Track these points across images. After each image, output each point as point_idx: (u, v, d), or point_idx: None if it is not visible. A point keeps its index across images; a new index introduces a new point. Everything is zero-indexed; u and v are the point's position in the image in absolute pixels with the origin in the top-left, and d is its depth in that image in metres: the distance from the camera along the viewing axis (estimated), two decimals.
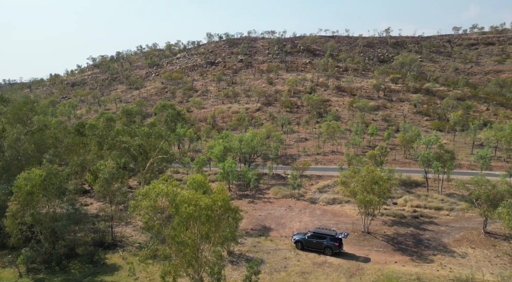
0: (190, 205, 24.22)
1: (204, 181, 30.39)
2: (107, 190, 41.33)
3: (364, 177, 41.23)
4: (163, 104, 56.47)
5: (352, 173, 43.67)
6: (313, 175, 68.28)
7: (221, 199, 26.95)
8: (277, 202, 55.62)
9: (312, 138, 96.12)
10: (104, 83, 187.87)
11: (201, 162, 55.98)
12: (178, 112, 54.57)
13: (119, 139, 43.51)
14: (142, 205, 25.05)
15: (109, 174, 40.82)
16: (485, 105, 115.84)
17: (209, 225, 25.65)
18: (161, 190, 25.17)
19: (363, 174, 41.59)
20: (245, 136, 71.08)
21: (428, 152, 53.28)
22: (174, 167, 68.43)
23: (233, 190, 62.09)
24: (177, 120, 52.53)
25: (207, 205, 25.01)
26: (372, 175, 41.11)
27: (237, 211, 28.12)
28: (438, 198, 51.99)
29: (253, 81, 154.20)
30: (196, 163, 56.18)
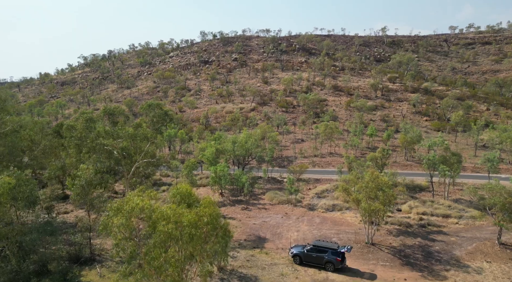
0: (169, 223, 20.33)
1: (190, 191, 26.47)
2: (85, 198, 37.20)
3: (368, 183, 37.63)
4: (149, 104, 52.51)
5: (355, 178, 40.06)
6: (310, 179, 64.66)
7: (208, 214, 23.11)
8: (272, 209, 51.86)
9: (309, 139, 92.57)
10: (95, 82, 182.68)
11: (191, 166, 52.03)
12: (166, 112, 50.69)
13: (100, 142, 39.45)
14: (114, 223, 21.12)
15: (86, 180, 36.70)
16: (485, 105, 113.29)
17: (193, 245, 21.80)
18: (136, 204, 21.27)
19: (367, 180, 37.98)
20: (239, 137, 67.30)
21: (433, 155, 49.85)
22: (163, 170, 64.40)
23: (225, 195, 58.23)
24: (165, 121, 48.63)
25: (190, 222, 21.15)
26: (376, 181, 37.53)
27: (226, 228, 24.14)
28: (445, 204, 48.60)
29: (247, 80, 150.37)
30: (186, 167, 52.20)
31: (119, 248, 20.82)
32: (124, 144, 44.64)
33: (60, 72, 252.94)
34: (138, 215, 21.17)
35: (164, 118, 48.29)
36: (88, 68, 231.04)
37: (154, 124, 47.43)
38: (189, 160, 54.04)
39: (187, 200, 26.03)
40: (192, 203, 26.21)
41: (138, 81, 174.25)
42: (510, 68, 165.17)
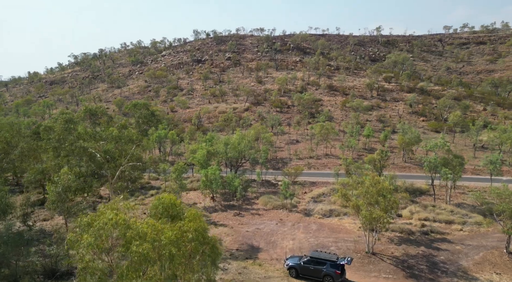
0: (145, 242, 17.46)
1: (174, 201, 23.57)
2: (62, 206, 34.16)
3: (368, 188, 35.10)
4: (135, 104, 49.44)
5: (354, 183, 37.52)
6: (306, 182, 62.09)
7: (193, 229, 20.30)
8: (266, 215, 49.13)
9: (304, 140, 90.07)
10: (84, 81, 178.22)
11: (180, 169, 49.08)
12: (153, 113, 47.65)
13: (80, 144, 36.40)
14: (82, 242, 18.19)
15: (63, 186, 33.65)
16: (482, 105, 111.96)
17: (175, 265, 18.96)
18: (109, 220, 18.37)
19: (367, 185, 35.45)
20: (232, 139, 64.50)
21: (435, 157, 47.56)
22: (150, 174, 61.32)
23: (217, 200, 55.36)
24: (151, 122, 45.67)
25: (171, 240, 18.30)
26: (377, 186, 35.02)
27: (214, 245, 21.29)
28: (447, 209, 46.32)
29: (241, 79, 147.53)
30: (175, 170, 49.24)
31: (87, 272, 17.82)
32: (108, 146, 41.61)
33: (50, 71, 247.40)
34: (111, 232, 18.25)
35: (150, 119, 45.25)
36: (78, 67, 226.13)
37: (140, 125, 44.40)
38: (178, 163, 51.07)
39: (171, 211, 23.15)
40: (176, 215, 23.35)
41: (129, 81, 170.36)
42: (505, 68, 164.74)
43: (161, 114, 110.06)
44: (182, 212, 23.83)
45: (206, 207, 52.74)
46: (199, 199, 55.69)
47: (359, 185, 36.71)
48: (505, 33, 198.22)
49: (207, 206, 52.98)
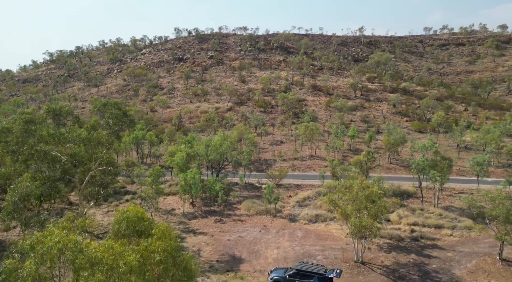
0: (98, 271, 14.36)
1: (141, 215, 20.47)
2: (19, 217, 30.34)
3: (357, 194, 32.93)
4: (105, 102, 45.60)
5: (342, 188, 35.28)
6: (290, 185, 59.74)
7: (162, 249, 17.31)
8: (249, 221, 46.41)
9: (288, 141, 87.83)
10: (59, 79, 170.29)
11: (156, 173, 45.67)
12: (125, 112, 44.07)
13: (41, 148, 32.58)
14: (22, 270, 14.89)
15: (20, 195, 29.85)
16: (463, 106, 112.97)
17: None
18: (55, 243, 15.15)
19: (356, 190, 33.28)
20: (213, 140, 61.41)
21: (422, 159, 46.03)
22: (126, 178, 57.48)
23: (197, 205, 52.19)
24: (123, 123, 42.17)
25: (132, 266, 15.25)
26: (366, 191, 32.90)
27: (186, 266, 18.33)
28: (435, 212, 44.88)
29: (224, 78, 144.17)
30: (150, 174, 45.77)
31: None
32: (77, 149, 37.80)
33: (23, 69, 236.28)
34: (58, 258, 15.03)
35: (122, 119, 41.71)
36: (54, 64, 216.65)
37: (110, 126, 40.80)
38: (154, 166, 47.62)
39: (138, 226, 20.07)
40: (144, 230, 20.28)
41: (108, 79, 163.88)
42: (483, 69, 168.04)
43: (140, 114, 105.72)
44: (151, 227, 20.77)
45: (185, 213, 49.52)
46: (177, 205, 52.39)
47: (347, 190, 34.49)
48: (483, 35, 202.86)
49: (186, 212, 49.77)
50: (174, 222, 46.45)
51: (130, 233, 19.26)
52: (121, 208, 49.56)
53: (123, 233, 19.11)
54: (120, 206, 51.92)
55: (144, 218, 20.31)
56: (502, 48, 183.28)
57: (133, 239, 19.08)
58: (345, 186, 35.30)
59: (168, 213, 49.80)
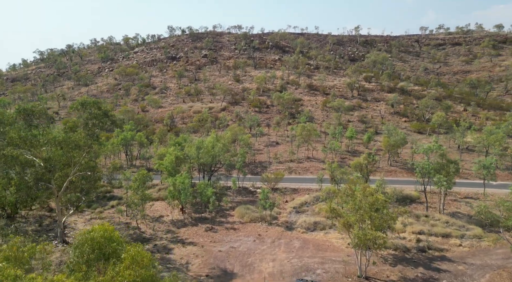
0: None
1: (110, 235, 17.14)
2: None
3: (361, 202, 29.90)
4: (82, 102, 41.98)
5: (344, 195, 32.22)
6: (287, 189, 56.61)
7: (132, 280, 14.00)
8: (243, 229, 43.19)
9: (284, 142, 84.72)
10: (49, 78, 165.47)
11: (142, 178, 42.26)
12: (106, 113, 40.57)
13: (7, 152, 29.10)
14: None
15: None
16: (462, 106, 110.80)
17: None
18: None
19: (359, 198, 30.25)
20: (206, 141, 58.09)
21: (427, 163, 43.17)
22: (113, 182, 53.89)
23: (187, 211, 48.84)
24: (104, 124, 38.79)
25: None
26: (370, 199, 29.88)
27: None
28: (441, 219, 42.04)
29: (218, 78, 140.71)
30: (135, 180, 42.34)
31: None
32: (51, 153, 34.29)
33: (12, 67, 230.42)
34: None
35: (102, 120, 38.24)
36: (44, 63, 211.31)
37: (89, 128, 37.34)
38: (140, 170, 44.19)
39: (105, 249, 16.75)
40: (113, 253, 16.97)
41: (98, 78, 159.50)
42: (480, 68, 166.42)
43: (131, 114, 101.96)
44: (122, 248, 17.45)
45: (174, 220, 46.16)
46: (166, 211, 49.01)
47: (349, 198, 31.43)
48: (479, 35, 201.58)
49: (175, 220, 46.42)
50: (161, 230, 43.11)
51: (96, 257, 15.98)
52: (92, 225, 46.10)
53: (87, 258, 15.81)
54: (104, 213, 48.48)
55: (113, 238, 17.01)
56: (498, 47, 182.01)
57: (99, 265, 15.79)
58: (346, 193, 32.22)
59: (156, 220, 46.41)
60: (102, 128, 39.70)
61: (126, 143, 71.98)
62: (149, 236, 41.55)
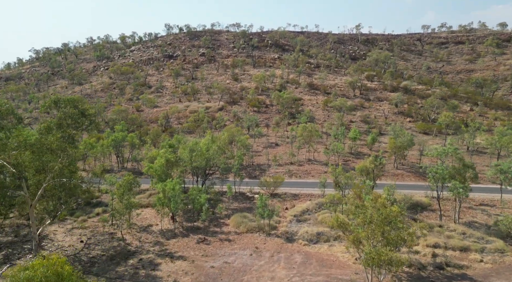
0: None
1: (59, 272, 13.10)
2: None
3: (372, 215, 25.98)
4: (56, 99, 37.83)
5: (352, 207, 28.29)
6: (287, 194, 52.69)
7: None
8: (239, 240, 39.23)
9: (284, 143, 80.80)
10: (42, 77, 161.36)
11: (127, 185, 38.28)
12: (83, 112, 36.55)
13: None
14: None
15: None
16: (468, 105, 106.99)
17: None
18: None
19: (370, 211, 26.33)
20: (200, 143, 54.12)
21: (442, 167, 39.26)
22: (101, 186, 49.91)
23: (178, 220, 44.88)
24: (80, 124, 34.88)
25: None
26: (384, 212, 25.97)
27: None
28: (457, 230, 38.13)
29: (216, 76, 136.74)
30: (120, 186, 38.34)
31: None
32: (22, 158, 30.33)
33: (7, 66, 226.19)
34: None
35: (79, 120, 34.30)
36: (39, 62, 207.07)
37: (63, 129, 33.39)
38: (126, 176, 40.21)
39: None
40: None
41: (93, 77, 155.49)
42: (484, 67, 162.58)
43: (124, 114, 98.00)
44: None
45: (163, 230, 42.20)
46: (156, 219, 45.03)
47: (359, 210, 27.49)
48: (482, 33, 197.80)
49: (165, 229, 42.46)
50: (149, 242, 39.13)
51: None
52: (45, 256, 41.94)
53: None
54: (88, 222, 44.49)
55: (63, 276, 13.00)
56: (502, 46, 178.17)
57: None
58: (355, 204, 28.28)
59: (144, 230, 42.43)
60: (79, 129, 35.64)
61: (116, 145, 68.05)
62: (134, 248, 37.58)
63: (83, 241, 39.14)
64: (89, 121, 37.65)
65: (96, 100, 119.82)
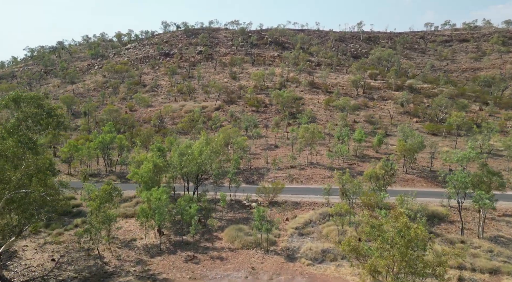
0: None
1: None
2: None
3: (394, 239, 21.12)
4: (15, 97, 32.88)
5: (368, 228, 23.42)
6: (287, 202, 47.85)
7: None
8: (233, 259, 34.34)
9: (284, 145, 75.91)
10: (34, 76, 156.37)
11: (104, 196, 33.35)
12: (49, 111, 31.72)
13: None
14: None
15: None
16: (477, 105, 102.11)
17: None
18: None
19: (391, 234, 21.46)
20: (193, 146, 49.24)
21: (464, 175, 34.39)
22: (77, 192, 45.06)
23: (166, 233, 39.99)
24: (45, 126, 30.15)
25: None
26: (407, 234, 21.12)
27: None
28: (483, 247, 33.29)
29: (213, 75, 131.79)
30: (96, 197, 33.40)
31: None
32: None
33: (1, 65, 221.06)
34: None
35: (43, 120, 29.58)
36: (32, 61, 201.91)
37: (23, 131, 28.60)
38: (105, 185, 35.30)
39: None
40: None
41: (87, 76, 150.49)
42: (490, 66, 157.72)
43: (116, 114, 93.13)
44: None
45: (148, 245, 37.32)
46: (141, 232, 40.12)
47: (377, 234, 22.60)
48: (487, 31, 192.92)
49: (149, 245, 37.57)
50: (130, 260, 34.24)
51: None
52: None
53: None
54: (64, 235, 39.56)
55: None
56: (508, 44, 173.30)
57: None
58: (370, 223, 23.40)
59: (126, 245, 37.54)
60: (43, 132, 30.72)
61: (104, 147, 63.22)
62: (112, 268, 32.69)
63: (54, 259, 34.25)
64: (57, 122, 32.56)
65: (88, 99, 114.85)
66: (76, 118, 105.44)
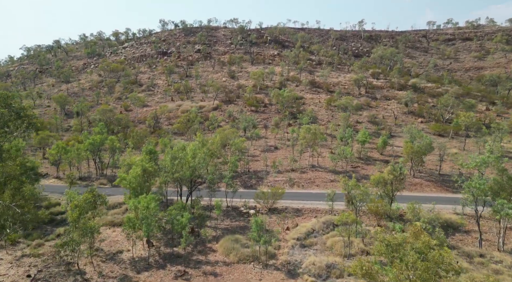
0: None
1: None
2: None
3: (416, 263, 17.81)
4: None
5: (383, 246, 20.09)
6: (288, 209, 44.57)
7: None
8: (228, 275, 31.02)
9: (284, 146, 72.59)
10: (29, 75, 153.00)
11: (84, 206, 30.02)
12: (18, 112, 28.47)
13: None
14: None
15: None
16: (483, 104, 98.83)
17: None
18: None
19: (412, 258, 18.15)
20: (187, 149, 45.97)
21: (482, 182, 31.08)
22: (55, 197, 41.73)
23: (155, 244, 36.66)
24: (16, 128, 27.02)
25: None
26: (431, 257, 17.82)
27: None
28: (505, 262, 30.01)
29: (211, 74, 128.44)
30: (75, 207, 30.07)
31: None
32: None
33: None
34: None
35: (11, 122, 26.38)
36: (28, 60, 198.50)
37: None
38: (86, 193, 31.98)
39: None
40: None
41: (83, 75, 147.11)
42: (494, 65, 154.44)
43: (110, 114, 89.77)
44: None
45: (135, 258, 33.99)
46: (128, 243, 36.78)
47: (392, 252, 19.28)
48: (491, 29, 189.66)
49: (137, 257, 34.25)
50: (114, 276, 30.92)
51: None
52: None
53: None
54: (44, 247, 36.20)
55: None
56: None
57: None
58: (386, 241, 20.07)
59: (111, 258, 34.20)
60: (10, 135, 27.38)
61: (94, 149, 59.91)
62: None
63: (30, 275, 30.93)
64: (27, 124, 29.15)
65: (82, 98, 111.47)
66: (69, 118, 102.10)
